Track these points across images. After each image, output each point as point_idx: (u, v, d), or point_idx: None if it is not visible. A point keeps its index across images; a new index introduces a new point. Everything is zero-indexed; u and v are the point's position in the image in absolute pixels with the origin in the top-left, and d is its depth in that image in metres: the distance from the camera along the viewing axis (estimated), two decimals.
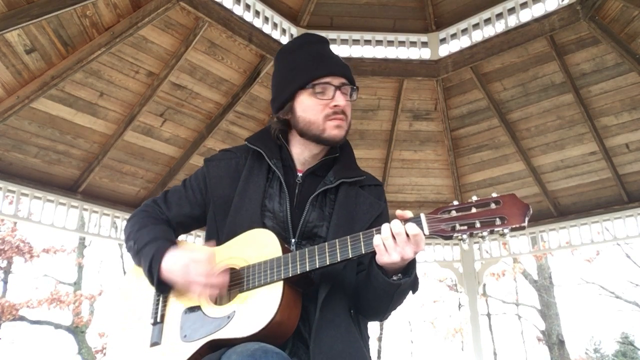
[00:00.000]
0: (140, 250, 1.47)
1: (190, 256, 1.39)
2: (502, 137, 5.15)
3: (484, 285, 7.80)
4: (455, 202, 1.29)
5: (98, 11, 3.83)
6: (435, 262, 5.76)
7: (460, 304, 17.82)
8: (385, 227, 1.28)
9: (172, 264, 1.40)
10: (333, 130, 1.51)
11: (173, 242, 1.49)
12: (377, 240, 1.27)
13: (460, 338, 18.30)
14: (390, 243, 1.26)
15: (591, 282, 17.61)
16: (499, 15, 4.65)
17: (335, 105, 1.51)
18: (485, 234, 1.23)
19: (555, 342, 15.10)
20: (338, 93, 1.52)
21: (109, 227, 4.83)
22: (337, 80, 1.53)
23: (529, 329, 18.28)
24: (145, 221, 1.55)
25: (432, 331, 19.75)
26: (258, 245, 1.39)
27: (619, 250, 16.31)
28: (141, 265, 1.46)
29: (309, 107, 1.52)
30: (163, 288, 1.45)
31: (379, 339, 17.63)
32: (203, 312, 1.37)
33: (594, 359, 20.39)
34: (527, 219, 1.21)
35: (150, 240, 1.47)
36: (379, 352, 17.64)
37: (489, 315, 17.93)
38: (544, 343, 16.32)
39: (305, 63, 1.55)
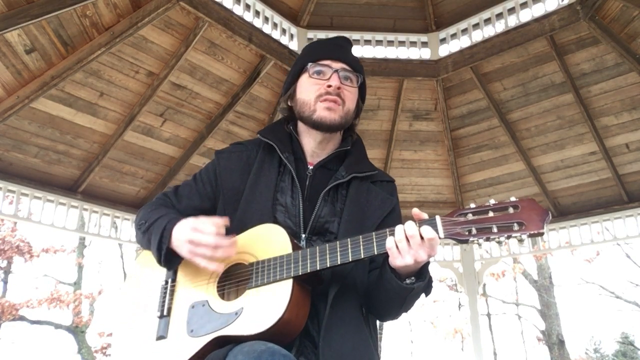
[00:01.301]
0: (152, 224, 1.43)
1: (199, 219, 1.35)
2: (502, 137, 5.15)
3: (484, 285, 7.79)
4: (472, 205, 1.25)
5: (98, 11, 3.83)
6: (435, 262, 5.75)
7: (460, 304, 17.84)
8: (399, 229, 1.24)
9: (182, 228, 1.36)
10: (323, 111, 1.50)
11: None
12: (389, 242, 1.24)
13: (460, 338, 18.31)
14: (404, 246, 1.22)
15: (591, 282, 17.65)
16: (499, 15, 4.65)
17: (328, 86, 1.50)
18: (502, 239, 1.20)
19: (555, 342, 15.10)
20: (335, 75, 1.53)
21: (109, 227, 4.83)
22: (337, 65, 1.55)
23: (529, 329, 18.31)
24: (157, 206, 1.54)
25: (432, 331, 19.77)
26: (268, 240, 1.37)
27: (619, 250, 16.35)
28: (150, 245, 1.42)
29: (304, 88, 1.55)
30: (171, 260, 1.40)
31: (379, 339, 17.63)
32: (210, 307, 1.35)
33: (594, 359, 20.39)
34: (546, 225, 1.17)
35: (163, 214, 1.44)
36: (379, 352, 17.63)
37: (489, 315, 17.93)
38: (544, 343, 16.32)
39: (314, 49, 1.61)
